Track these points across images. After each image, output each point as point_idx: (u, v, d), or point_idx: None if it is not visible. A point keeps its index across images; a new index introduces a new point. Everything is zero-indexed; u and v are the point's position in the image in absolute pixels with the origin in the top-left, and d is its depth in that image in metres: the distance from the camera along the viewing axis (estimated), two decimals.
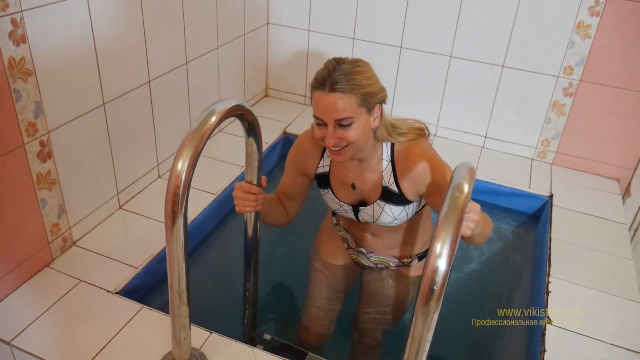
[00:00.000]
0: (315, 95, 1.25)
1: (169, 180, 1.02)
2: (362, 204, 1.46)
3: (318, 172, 1.49)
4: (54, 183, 1.52)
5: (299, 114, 2.61)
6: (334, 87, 1.21)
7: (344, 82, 1.21)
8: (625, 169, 2.23)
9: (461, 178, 0.98)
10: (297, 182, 1.51)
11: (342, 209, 1.50)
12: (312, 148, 1.47)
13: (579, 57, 2.11)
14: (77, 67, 1.51)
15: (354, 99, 1.22)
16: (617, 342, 1.47)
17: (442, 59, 2.33)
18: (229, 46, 2.28)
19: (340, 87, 1.21)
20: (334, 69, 1.23)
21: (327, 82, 1.22)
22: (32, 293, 1.46)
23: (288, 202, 1.54)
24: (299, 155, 1.49)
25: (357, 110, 1.24)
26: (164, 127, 1.96)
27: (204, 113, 1.06)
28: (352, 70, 1.23)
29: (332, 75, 1.22)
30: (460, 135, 2.46)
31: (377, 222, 1.46)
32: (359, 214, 1.48)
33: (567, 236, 1.88)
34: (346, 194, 1.47)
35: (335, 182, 1.47)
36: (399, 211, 1.42)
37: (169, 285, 1.12)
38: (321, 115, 1.25)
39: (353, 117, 1.24)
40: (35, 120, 1.41)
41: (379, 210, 1.42)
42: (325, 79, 1.22)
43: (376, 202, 1.42)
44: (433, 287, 0.90)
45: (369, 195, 1.44)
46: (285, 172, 1.53)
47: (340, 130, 1.25)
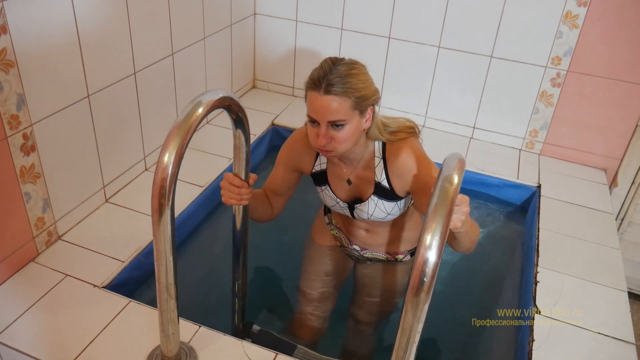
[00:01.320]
0: (310, 95, 1.27)
1: (155, 173, 1.00)
2: (357, 201, 1.48)
3: (315, 170, 1.50)
4: (38, 177, 1.49)
5: (287, 106, 2.59)
6: (329, 90, 1.23)
7: (339, 85, 1.23)
8: (612, 158, 2.25)
9: (451, 169, 0.98)
10: (288, 178, 1.52)
11: (338, 205, 1.52)
12: (307, 146, 1.47)
13: (567, 47, 2.11)
14: (60, 58, 1.48)
15: (348, 102, 1.25)
16: (604, 331, 1.48)
17: (431, 49, 2.32)
18: (215, 37, 2.25)
19: (335, 90, 1.23)
20: (330, 70, 1.25)
21: (323, 84, 1.23)
22: (17, 288, 1.44)
23: (275, 197, 1.54)
24: (293, 152, 1.50)
25: (350, 112, 1.26)
26: (150, 119, 1.94)
27: (190, 104, 1.04)
28: (348, 72, 1.25)
29: (328, 76, 1.24)
30: (448, 126, 2.46)
31: (372, 217, 1.48)
32: (354, 211, 1.50)
33: (555, 226, 1.89)
34: (342, 190, 1.49)
35: (332, 178, 1.49)
36: (392, 207, 1.45)
37: (156, 279, 1.11)
38: (315, 116, 1.27)
39: (346, 119, 1.26)
40: (17, 113, 1.38)
41: (373, 206, 1.45)
42: (321, 80, 1.24)
43: (370, 197, 1.44)
44: (423, 278, 0.90)
45: (363, 190, 1.46)
46: (275, 168, 1.53)
47: (332, 131, 1.27)
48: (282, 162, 1.52)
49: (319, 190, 1.54)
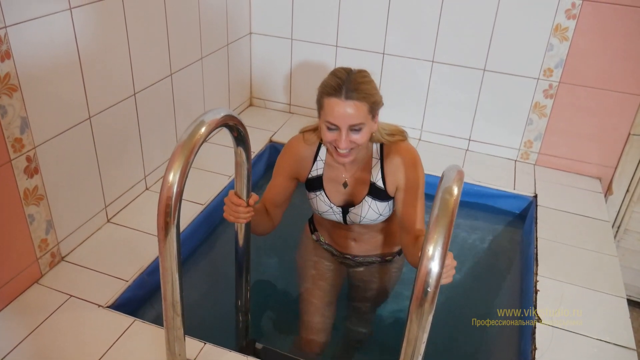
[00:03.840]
0: (330, 102, 1.34)
1: (160, 192, 1.02)
2: (351, 204, 1.54)
3: (310, 176, 1.55)
4: (41, 198, 1.51)
5: (284, 123, 2.62)
6: (350, 95, 1.32)
7: (358, 91, 1.32)
8: (607, 167, 2.28)
9: (450, 180, 1.00)
10: (287, 186, 1.56)
11: (331, 210, 1.56)
12: (305, 152, 1.54)
13: (558, 59, 2.16)
14: (62, 81, 1.50)
15: (366, 106, 1.34)
16: (605, 338, 1.50)
17: (425, 64, 2.36)
18: (212, 57, 2.29)
19: (356, 95, 1.32)
20: (346, 78, 1.34)
21: (343, 90, 1.32)
22: (22, 310, 1.45)
23: (274, 209, 1.57)
24: (292, 159, 1.54)
25: (367, 116, 1.36)
26: (150, 139, 1.96)
27: (193, 124, 1.06)
28: (363, 80, 1.35)
29: (346, 83, 1.32)
30: (444, 139, 2.49)
31: (364, 220, 1.54)
32: (347, 215, 1.55)
33: (553, 235, 1.91)
34: (337, 194, 1.55)
35: (327, 183, 1.54)
36: (383, 207, 1.52)
37: (162, 297, 1.11)
38: (335, 121, 1.34)
39: (364, 122, 1.35)
40: (21, 136, 1.40)
41: (367, 207, 1.52)
42: (341, 86, 1.32)
43: (364, 199, 1.51)
44: (427, 289, 0.91)
45: (357, 192, 1.53)
46: (274, 177, 1.56)
47: (352, 134, 1.36)
48: (281, 171, 1.55)
49: (312, 197, 1.57)
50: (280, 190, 1.55)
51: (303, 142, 1.53)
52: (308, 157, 1.54)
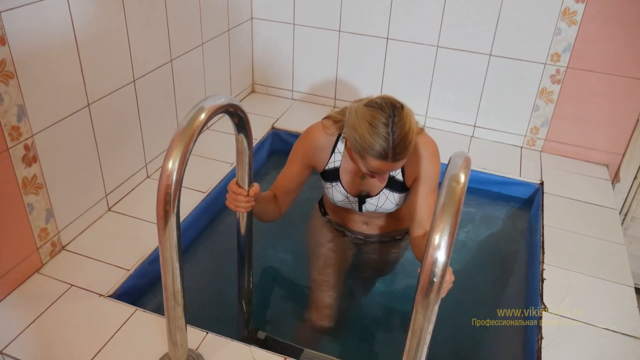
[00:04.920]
0: (375, 162, 1.32)
1: (159, 180, 0.99)
2: (367, 195, 1.54)
3: (328, 168, 1.53)
4: (40, 187, 1.48)
5: (287, 109, 2.59)
6: (397, 158, 1.30)
7: (404, 151, 1.30)
8: (614, 154, 2.24)
9: (457, 168, 0.97)
10: (302, 174, 1.54)
11: (347, 200, 1.57)
12: (324, 142, 1.51)
13: (566, 43, 2.11)
14: (59, 68, 1.47)
15: (410, 153, 1.33)
16: (612, 327, 1.48)
17: (430, 49, 2.32)
18: (213, 42, 2.25)
19: (403, 156, 1.31)
20: (391, 139, 1.27)
21: (390, 154, 1.29)
22: (23, 300, 1.43)
23: (285, 197, 1.54)
24: (311, 148, 1.52)
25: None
26: (150, 126, 1.93)
27: (192, 110, 1.04)
28: (404, 132, 1.29)
29: (392, 146, 1.28)
30: (449, 125, 2.46)
31: (379, 209, 1.55)
32: (363, 204, 1.55)
33: (560, 223, 1.88)
34: (354, 185, 1.54)
35: (344, 175, 1.53)
36: (400, 198, 1.54)
37: (163, 287, 1.10)
38: (381, 172, 1.36)
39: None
40: (18, 124, 1.37)
41: (384, 199, 1.52)
42: (387, 151, 1.28)
43: (382, 191, 1.52)
44: (432, 279, 0.89)
45: (374, 184, 1.52)
46: (289, 165, 1.53)
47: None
48: (298, 159, 1.52)
49: (328, 187, 1.56)
50: (294, 178, 1.53)
51: (323, 131, 1.50)
52: (326, 147, 1.51)
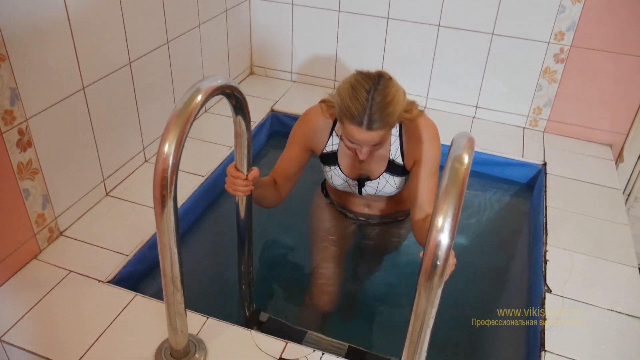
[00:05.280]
0: (350, 128, 1.29)
1: (156, 164, 0.97)
2: (367, 178, 1.53)
3: (326, 151, 1.52)
4: (36, 172, 1.46)
5: (286, 91, 2.55)
6: (372, 126, 1.26)
7: (381, 121, 1.26)
8: (618, 134, 2.22)
9: (461, 148, 0.95)
10: (301, 157, 1.52)
11: (346, 184, 1.55)
12: (321, 125, 1.50)
13: (570, 22, 2.07)
14: (53, 50, 1.44)
15: (387, 127, 1.30)
16: (616, 308, 1.46)
17: (431, 28, 2.28)
18: (210, 23, 2.21)
19: (378, 125, 1.26)
20: (369, 104, 1.25)
21: (364, 121, 1.25)
22: (21, 286, 1.42)
23: (284, 182, 1.53)
24: (309, 130, 1.51)
25: (388, 132, 1.33)
26: (147, 109, 1.90)
27: (188, 92, 1.01)
28: (385, 102, 1.26)
29: (369, 112, 1.25)
30: (450, 106, 2.42)
31: (379, 193, 1.54)
32: (363, 188, 1.54)
33: (563, 204, 1.86)
34: (353, 168, 1.52)
35: (342, 158, 1.52)
36: (400, 181, 1.52)
37: (161, 272, 1.08)
38: (357, 144, 1.33)
39: (385, 138, 1.34)
40: (11, 108, 1.35)
41: (384, 182, 1.50)
42: (362, 116, 1.25)
43: (381, 175, 1.50)
44: (436, 262, 0.87)
45: (374, 168, 1.51)
46: (288, 148, 1.52)
47: (373, 147, 1.35)
48: (296, 141, 1.51)
49: (327, 170, 1.56)
50: (293, 162, 1.51)
51: (321, 114, 1.48)
52: (324, 130, 1.50)
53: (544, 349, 1.33)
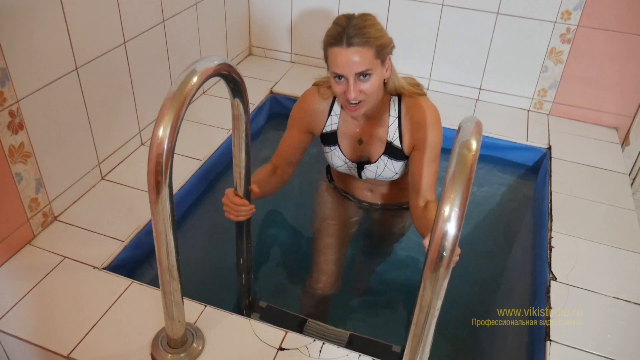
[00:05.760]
0: (333, 52, 1.29)
1: (150, 149, 0.93)
2: (366, 161, 1.51)
3: (325, 131, 1.51)
4: (28, 156, 1.42)
5: (285, 73, 2.50)
6: (352, 42, 1.26)
7: (360, 36, 1.26)
8: (624, 116, 2.17)
9: (468, 134, 0.90)
10: (302, 139, 1.52)
11: (346, 165, 1.54)
12: (319, 105, 1.49)
13: (577, 0, 2.01)
14: (44, 28, 1.38)
15: (371, 51, 1.27)
16: (622, 296, 1.44)
17: (434, 7, 2.21)
18: (208, 2, 2.14)
19: (357, 41, 1.26)
20: (347, 24, 1.28)
21: (344, 38, 1.26)
22: (14, 272, 1.39)
23: (286, 167, 1.53)
24: (306, 112, 1.50)
25: (374, 61, 1.29)
26: (143, 91, 1.85)
27: (184, 73, 0.97)
28: (364, 24, 1.28)
29: (347, 30, 1.26)
30: (453, 88, 2.37)
31: (379, 177, 1.52)
32: (362, 171, 1.52)
33: (568, 189, 1.83)
34: (352, 150, 1.51)
35: (342, 139, 1.51)
36: (399, 166, 1.49)
37: (157, 261, 1.05)
38: (341, 71, 1.29)
39: (372, 68, 1.29)
40: (2, 89, 1.30)
41: (383, 166, 1.48)
42: (341, 34, 1.27)
43: (380, 158, 1.48)
44: (442, 253, 0.84)
45: (373, 150, 1.49)
46: (288, 131, 1.52)
47: (360, 82, 1.30)
48: (296, 124, 1.52)
49: (327, 151, 1.55)
50: (294, 144, 1.51)
51: (318, 95, 1.48)
52: (323, 110, 1.49)
53: (549, 339, 1.31)
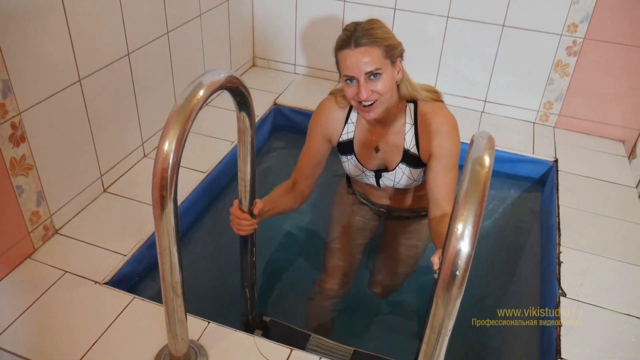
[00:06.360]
0: (343, 55, 1.33)
1: (155, 163, 0.91)
2: (384, 169, 1.51)
3: (342, 140, 1.52)
4: (30, 168, 1.40)
5: (289, 84, 2.48)
6: (359, 42, 1.30)
7: (367, 37, 1.30)
8: (631, 129, 2.15)
9: (481, 150, 0.88)
10: (322, 148, 1.53)
11: (363, 174, 1.55)
12: (336, 114, 1.51)
13: (584, 13, 2.00)
14: (47, 40, 1.37)
15: (379, 50, 1.30)
16: (633, 312, 1.41)
17: (439, 19, 2.21)
18: (212, 13, 2.13)
19: (365, 41, 1.30)
20: (355, 29, 1.32)
21: (352, 40, 1.30)
22: (14, 287, 1.36)
23: (306, 181, 1.53)
24: (324, 120, 1.52)
25: (383, 61, 1.31)
26: (147, 102, 1.84)
27: (190, 86, 0.95)
28: (371, 27, 1.33)
29: (355, 33, 1.31)
30: (459, 100, 2.36)
31: (397, 185, 1.52)
32: (380, 179, 1.53)
33: (575, 203, 1.80)
34: (369, 158, 1.52)
35: (358, 148, 1.52)
36: (418, 173, 1.49)
37: (161, 277, 1.02)
38: (351, 72, 1.31)
39: (381, 67, 1.31)
40: (4, 101, 1.28)
41: (400, 174, 1.49)
42: (350, 37, 1.31)
43: (398, 166, 1.48)
44: (455, 272, 0.81)
45: (390, 158, 1.49)
46: (308, 141, 1.53)
47: (371, 83, 1.32)
48: (314, 133, 1.53)
49: (345, 160, 1.56)
50: (313, 155, 1.52)
51: (335, 104, 1.50)
52: (339, 119, 1.51)
53: (560, 356, 1.28)
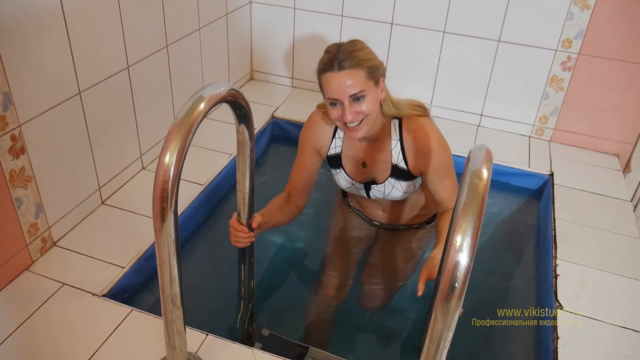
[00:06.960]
0: (326, 78, 1.33)
1: (156, 176, 0.91)
2: (373, 182, 1.53)
3: (330, 154, 1.54)
4: (29, 180, 1.40)
5: (287, 97, 2.50)
6: (342, 65, 1.30)
7: (349, 60, 1.30)
8: (625, 143, 2.17)
9: (479, 163, 0.89)
10: (313, 160, 1.55)
11: (353, 187, 1.57)
12: (324, 127, 1.53)
13: (578, 29, 2.03)
14: (48, 53, 1.38)
15: (362, 72, 1.30)
16: (629, 325, 1.42)
17: (435, 35, 2.23)
18: (211, 27, 2.16)
19: (348, 64, 1.30)
20: (337, 51, 1.32)
21: (335, 63, 1.30)
22: (12, 300, 1.36)
23: (301, 192, 1.55)
24: (313, 133, 1.54)
25: (366, 83, 1.32)
26: (145, 115, 1.85)
27: (191, 99, 0.96)
28: (354, 48, 1.33)
29: (338, 55, 1.31)
30: (455, 114, 2.38)
31: (388, 197, 1.53)
32: (370, 191, 1.54)
33: (571, 216, 1.82)
34: (357, 172, 1.54)
35: (347, 162, 1.53)
36: (408, 185, 1.50)
37: (160, 289, 1.02)
38: (335, 95, 1.32)
39: (365, 89, 1.31)
40: (4, 113, 1.29)
41: (390, 187, 1.50)
42: (332, 60, 1.31)
43: (387, 180, 1.49)
44: (454, 284, 0.82)
45: (379, 173, 1.51)
46: (299, 155, 1.55)
47: (355, 104, 1.32)
48: (305, 145, 1.55)
49: (334, 173, 1.58)
50: (305, 167, 1.54)
51: (323, 117, 1.52)
52: (327, 132, 1.53)
53: None
